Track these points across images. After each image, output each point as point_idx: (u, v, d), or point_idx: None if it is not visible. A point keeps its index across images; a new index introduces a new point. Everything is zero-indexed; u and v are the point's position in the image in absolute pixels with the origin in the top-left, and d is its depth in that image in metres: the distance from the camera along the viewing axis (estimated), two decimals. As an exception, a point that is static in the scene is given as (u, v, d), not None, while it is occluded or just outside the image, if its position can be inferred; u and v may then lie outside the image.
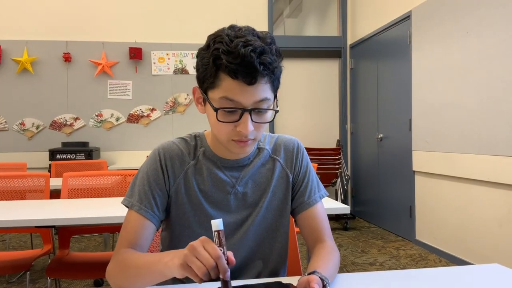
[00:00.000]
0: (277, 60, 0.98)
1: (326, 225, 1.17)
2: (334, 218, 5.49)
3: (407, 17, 4.45)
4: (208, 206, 1.11)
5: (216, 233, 0.80)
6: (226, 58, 0.92)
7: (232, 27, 1.00)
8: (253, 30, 1.00)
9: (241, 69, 0.92)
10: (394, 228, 4.84)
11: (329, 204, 2.04)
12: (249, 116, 0.97)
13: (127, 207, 1.09)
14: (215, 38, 0.97)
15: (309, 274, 0.94)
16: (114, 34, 5.41)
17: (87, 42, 5.33)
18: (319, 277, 0.92)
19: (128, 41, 5.42)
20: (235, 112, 0.97)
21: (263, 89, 0.96)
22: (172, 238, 1.14)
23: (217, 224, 0.80)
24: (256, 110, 0.97)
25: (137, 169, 1.17)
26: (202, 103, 1.06)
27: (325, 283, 0.93)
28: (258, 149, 1.17)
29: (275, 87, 1.02)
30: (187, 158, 1.13)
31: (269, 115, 1.01)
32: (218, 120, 0.97)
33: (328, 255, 1.07)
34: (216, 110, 0.97)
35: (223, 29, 1.00)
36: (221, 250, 0.78)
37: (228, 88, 0.95)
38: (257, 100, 0.96)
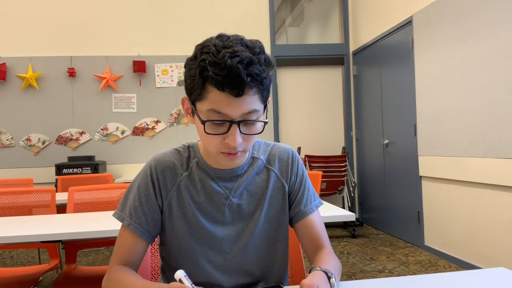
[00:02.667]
0: (266, 70, 0.96)
1: (323, 233, 1.16)
2: (341, 225, 5.47)
3: (408, 22, 4.45)
4: (203, 219, 1.09)
5: (179, 280, 0.87)
6: (213, 69, 0.90)
7: (220, 36, 0.97)
8: (242, 39, 0.97)
9: (227, 81, 0.90)
10: (402, 234, 4.81)
11: (335, 212, 2.03)
12: (237, 128, 0.95)
13: (119, 220, 1.09)
14: (202, 49, 0.94)
15: (309, 272, 0.96)
16: (117, 48, 5.46)
17: (91, 57, 5.37)
18: (322, 270, 0.94)
19: (131, 54, 5.46)
20: (223, 124, 0.95)
21: (251, 101, 0.94)
22: (170, 252, 1.13)
23: (178, 274, 0.87)
24: (244, 122, 0.95)
25: None
26: (191, 114, 1.04)
27: (329, 275, 0.94)
28: (252, 158, 1.15)
29: (264, 98, 0.99)
30: (180, 170, 1.11)
31: (259, 126, 0.99)
32: (206, 133, 0.96)
33: (328, 257, 1.07)
34: (203, 122, 0.96)
35: (211, 38, 0.97)
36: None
37: (215, 100, 0.93)
38: (245, 112, 0.94)
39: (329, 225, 5.38)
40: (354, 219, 1.96)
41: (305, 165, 5.14)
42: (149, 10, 5.53)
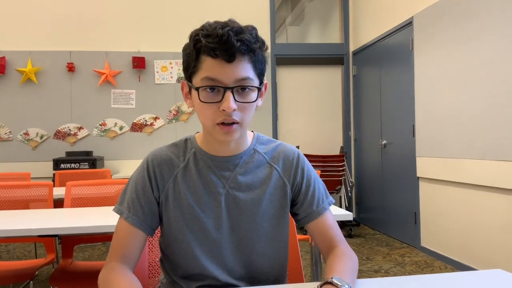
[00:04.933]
0: (258, 43, 1.00)
1: (337, 231, 1.17)
2: (339, 225, 5.47)
3: (409, 23, 4.46)
4: (198, 209, 1.09)
5: None
6: (205, 39, 0.96)
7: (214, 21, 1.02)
8: (235, 21, 1.01)
9: (219, 47, 0.95)
10: (399, 235, 4.81)
11: (333, 211, 2.03)
12: (231, 94, 0.97)
13: (118, 214, 1.10)
14: (196, 29, 1.01)
15: (324, 283, 0.93)
16: (117, 43, 5.44)
17: (91, 52, 5.36)
18: (336, 282, 0.92)
19: (131, 50, 5.45)
20: (217, 92, 0.98)
21: (243, 68, 0.98)
22: (168, 243, 1.13)
23: None
24: (237, 87, 0.98)
25: None
26: (189, 95, 1.06)
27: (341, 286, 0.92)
28: (254, 151, 1.14)
29: (258, 70, 1.02)
30: (177, 162, 1.12)
31: (253, 96, 1.01)
32: (201, 101, 0.99)
33: (342, 257, 1.08)
34: (197, 89, 0.99)
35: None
36: None
37: (208, 67, 0.97)
38: (238, 78, 0.97)
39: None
40: (351, 219, 1.96)
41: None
42: (150, 6, 5.52)
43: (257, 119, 5.63)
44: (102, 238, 2.80)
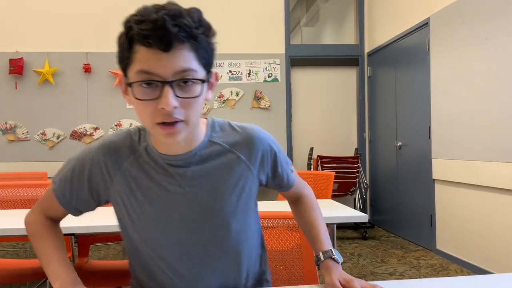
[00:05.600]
0: (202, 28, 0.86)
1: (301, 186, 1.24)
2: (352, 227, 5.44)
3: (425, 24, 4.41)
4: (154, 211, 1.00)
5: None
6: (138, 26, 0.82)
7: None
8: (176, 3, 0.86)
9: (153, 34, 0.80)
10: (414, 238, 4.77)
11: (347, 213, 2.02)
12: (170, 89, 0.83)
13: (53, 192, 1.08)
14: (130, 15, 0.86)
15: (319, 260, 1.08)
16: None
17: (107, 53, 5.41)
18: (327, 256, 1.08)
19: (146, 51, 5.47)
20: (154, 86, 0.83)
21: (183, 58, 0.83)
22: (128, 242, 1.08)
23: None
24: (178, 81, 0.84)
25: None
26: (126, 90, 0.91)
27: (334, 258, 1.08)
28: (210, 142, 1.02)
29: (203, 60, 0.87)
30: (125, 154, 1.01)
31: (198, 89, 0.86)
32: (137, 99, 0.85)
33: (313, 219, 1.19)
34: (131, 84, 0.85)
35: None
36: None
37: (143, 59, 0.83)
38: (178, 70, 0.83)
39: (339, 226, 5.36)
40: (366, 220, 1.95)
41: (317, 165, 5.13)
42: (165, 7, 5.55)
43: (270, 121, 5.64)
44: (118, 237, 2.82)
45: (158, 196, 0.99)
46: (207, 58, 0.89)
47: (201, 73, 0.87)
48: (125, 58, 0.86)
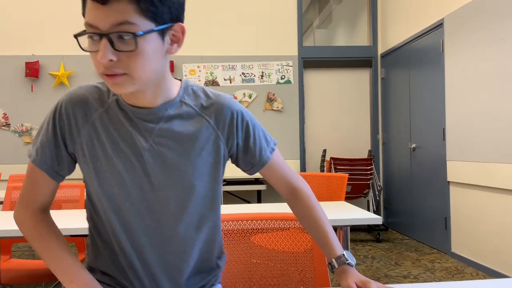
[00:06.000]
0: None
1: (288, 172, 1.17)
2: (366, 229, 5.41)
3: (439, 25, 4.37)
4: (120, 164, 0.99)
5: None
6: None
7: None
8: None
9: None
10: (428, 240, 4.72)
11: (361, 215, 2.01)
12: (107, 43, 0.83)
13: (28, 157, 1.04)
14: None
15: (333, 267, 1.06)
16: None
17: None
18: (343, 262, 1.05)
19: (160, 54, 5.52)
20: (96, 38, 0.84)
21: (121, 10, 0.82)
22: (90, 201, 1.07)
23: None
24: (114, 34, 0.83)
25: None
26: None
27: (348, 263, 1.05)
28: (181, 102, 1.02)
29: (149, 13, 0.85)
30: (94, 106, 1.01)
31: (141, 43, 0.85)
32: (82, 49, 0.88)
33: (318, 218, 1.13)
34: (76, 36, 0.87)
35: None
36: None
37: (88, 12, 0.84)
38: (114, 22, 0.82)
39: (353, 228, 5.33)
40: (380, 223, 1.94)
41: (330, 167, 5.11)
42: (178, 10, 5.59)
43: (283, 123, 5.64)
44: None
45: (125, 150, 0.99)
46: (154, 11, 0.85)
47: (144, 26, 0.85)
48: (82, 11, 0.88)
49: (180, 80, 1.06)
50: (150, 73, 0.90)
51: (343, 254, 1.06)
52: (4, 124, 5.37)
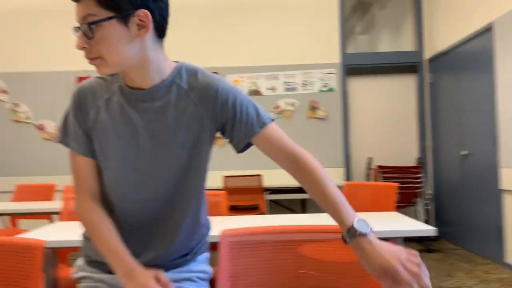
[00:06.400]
0: None
1: (287, 143, 1.15)
2: (416, 239, 5.25)
3: (488, 29, 4.23)
4: (117, 141, 1.14)
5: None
6: None
7: None
8: None
9: None
10: (482, 251, 4.53)
11: (414, 226, 1.96)
12: (81, 33, 1.02)
13: (65, 146, 1.18)
14: None
15: (346, 242, 1.00)
16: (193, 61, 5.63)
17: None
18: (357, 235, 0.98)
19: (205, 66, 5.61)
20: (77, 32, 1.03)
21: (86, 5, 1.00)
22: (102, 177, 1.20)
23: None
24: (83, 25, 1.01)
25: (215, 189, 1.27)
26: None
27: (365, 233, 0.98)
28: (173, 82, 1.15)
29: (103, 4, 1.00)
30: (100, 93, 1.16)
31: (101, 30, 1.01)
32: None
33: (322, 186, 1.09)
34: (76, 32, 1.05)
35: None
36: None
37: None
38: (82, 15, 1.01)
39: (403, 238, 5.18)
40: (435, 234, 1.86)
41: (377, 176, 5.01)
42: (220, 23, 5.69)
43: (327, 131, 5.60)
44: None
45: (123, 128, 1.13)
46: (111, 1, 1.00)
47: (102, 14, 1.00)
48: None
49: (177, 62, 1.19)
50: (121, 55, 1.04)
51: (353, 226, 1.00)
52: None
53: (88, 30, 1.00)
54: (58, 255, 2.03)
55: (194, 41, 5.66)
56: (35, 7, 5.68)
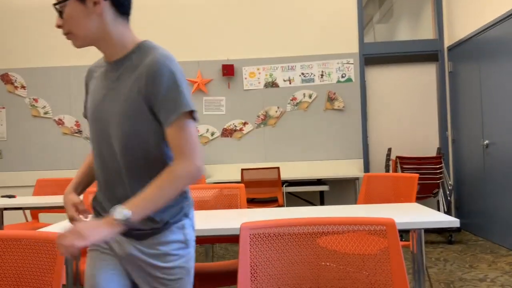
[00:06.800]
0: None
1: (181, 142, 1.22)
2: (437, 230, 5.19)
3: (510, 15, 4.11)
4: (91, 104, 1.35)
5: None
6: None
7: None
8: None
9: None
10: (505, 242, 4.45)
11: (436, 217, 1.92)
12: (58, 14, 1.24)
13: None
14: None
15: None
16: (208, 53, 5.65)
17: (184, 62, 5.61)
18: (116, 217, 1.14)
19: (221, 59, 5.62)
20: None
21: None
22: None
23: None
24: (54, 7, 1.25)
25: (233, 182, 1.27)
26: None
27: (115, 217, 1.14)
28: (127, 57, 1.30)
29: None
30: (94, 70, 1.41)
31: (65, 10, 1.23)
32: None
33: (156, 179, 1.21)
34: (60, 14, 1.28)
35: None
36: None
37: None
38: (53, 3, 1.25)
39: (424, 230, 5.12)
40: (458, 225, 1.82)
41: (396, 167, 4.95)
42: (237, 15, 5.66)
43: (345, 122, 5.54)
44: (200, 240, 2.89)
45: (98, 94, 1.33)
46: None
47: None
48: None
49: (143, 40, 1.33)
50: (83, 30, 1.25)
51: (117, 209, 1.16)
52: (76, 131, 5.70)
53: (58, 10, 1.23)
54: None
55: (210, 34, 5.65)
56: (52, 3, 5.73)
